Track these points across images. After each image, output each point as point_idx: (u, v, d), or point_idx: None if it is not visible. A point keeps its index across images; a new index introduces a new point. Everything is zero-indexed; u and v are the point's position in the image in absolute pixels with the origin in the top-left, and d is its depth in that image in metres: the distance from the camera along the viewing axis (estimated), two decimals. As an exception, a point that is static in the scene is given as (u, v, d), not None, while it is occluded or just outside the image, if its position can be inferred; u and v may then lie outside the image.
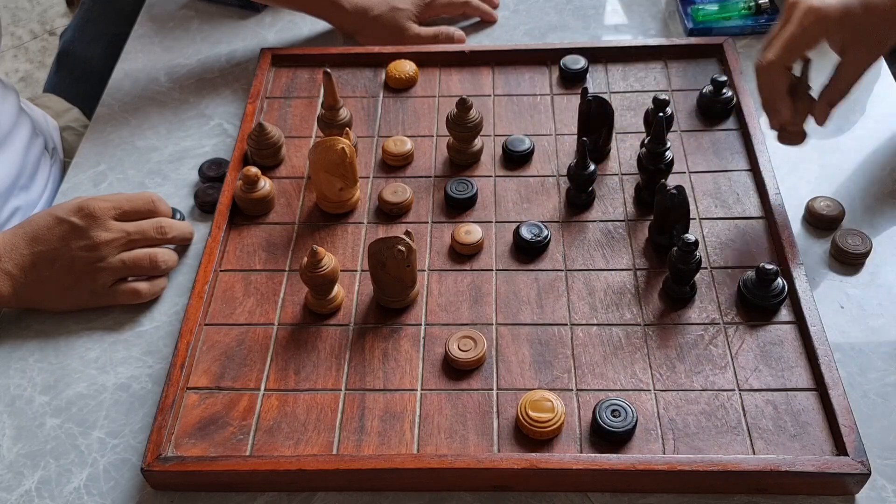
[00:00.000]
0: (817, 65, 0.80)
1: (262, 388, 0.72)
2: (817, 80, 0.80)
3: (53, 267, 0.76)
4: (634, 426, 0.67)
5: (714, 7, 1.05)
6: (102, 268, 0.77)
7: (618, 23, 1.09)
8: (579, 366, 0.72)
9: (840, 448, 0.66)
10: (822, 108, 0.79)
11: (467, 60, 1.00)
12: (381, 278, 0.75)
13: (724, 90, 0.91)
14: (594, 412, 0.67)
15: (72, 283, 0.77)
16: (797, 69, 0.80)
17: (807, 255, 0.81)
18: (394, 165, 0.90)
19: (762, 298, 0.74)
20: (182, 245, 0.84)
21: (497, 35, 1.08)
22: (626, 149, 0.90)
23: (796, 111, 0.80)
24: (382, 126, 0.94)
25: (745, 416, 0.68)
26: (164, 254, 0.80)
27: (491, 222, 0.84)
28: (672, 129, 0.91)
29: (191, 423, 0.70)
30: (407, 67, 0.98)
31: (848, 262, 0.80)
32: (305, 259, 0.73)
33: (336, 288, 0.77)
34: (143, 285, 0.79)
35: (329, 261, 0.74)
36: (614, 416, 0.67)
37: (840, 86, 0.78)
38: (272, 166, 0.90)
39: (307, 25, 1.10)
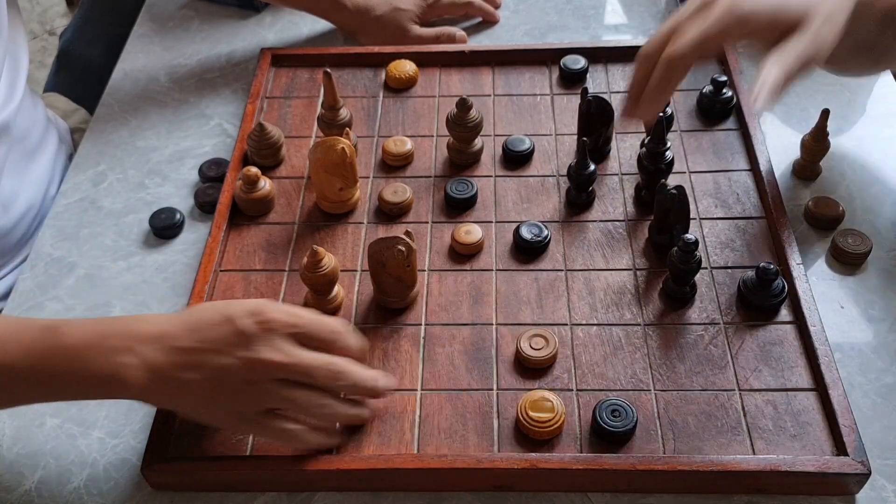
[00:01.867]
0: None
1: (262, 388, 0.72)
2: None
3: (202, 372, 0.62)
4: (634, 426, 0.67)
5: (714, 7, 1.05)
6: (253, 392, 0.63)
7: (618, 23, 1.09)
8: (579, 366, 0.72)
9: (840, 448, 0.66)
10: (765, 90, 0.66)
11: (467, 60, 1.00)
12: (381, 278, 0.75)
13: (724, 90, 0.91)
14: (594, 412, 0.67)
15: (214, 397, 0.63)
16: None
17: (807, 255, 0.81)
18: (394, 165, 0.90)
19: (762, 298, 0.74)
20: (360, 394, 0.68)
21: (497, 35, 1.08)
22: (626, 149, 0.90)
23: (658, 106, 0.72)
24: (382, 126, 0.94)
25: (745, 416, 0.68)
26: (336, 407, 0.65)
27: (491, 222, 0.84)
28: (672, 129, 0.91)
29: (191, 423, 0.70)
30: (407, 67, 0.98)
31: (848, 262, 0.80)
32: (305, 259, 0.73)
33: (336, 288, 0.77)
34: (300, 430, 0.65)
35: (329, 261, 0.74)
36: (614, 417, 0.67)
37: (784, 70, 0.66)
38: (272, 166, 0.90)
39: (307, 25, 1.10)
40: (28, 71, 0.94)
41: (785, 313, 0.75)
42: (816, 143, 0.85)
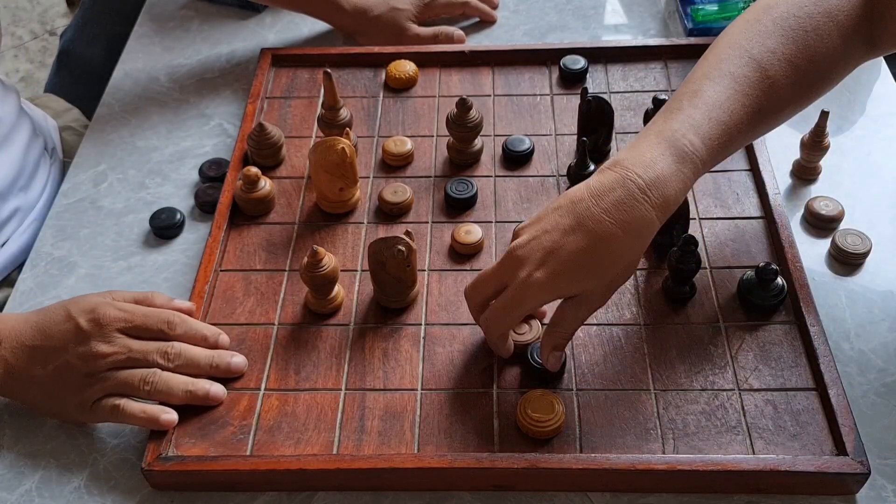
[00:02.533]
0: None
1: (263, 387, 0.72)
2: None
3: (46, 367, 0.69)
4: (563, 365, 0.71)
5: (714, 7, 1.05)
6: (91, 383, 0.69)
7: (618, 23, 1.09)
8: (579, 366, 0.72)
9: (840, 448, 0.66)
10: (552, 356, 0.69)
11: (467, 60, 1.00)
12: (381, 278, 0.75)
13: (724, 90, 0.91)
14: (528, 354, 0.71)
15: (58, 390, 0.70)
16: None
17: (807, 255, 0.81)
18: (394, 165, 0.90)
19: (762, 298, 0.74)
20: (214, 374, 0.72)
21: (497, 35, 1.08)
22: (626, 149, 0.90)
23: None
24: (382, 126, 0.94)
25: (744, 415, 0.68)
26: (162, 380, 0.70)
27: (491, 222, 0.84)
28: (672, 129, 0.91)
29: (191, 422, 0.70)
30: (407, 67, 0.98)
31: (848, 262, 0.80)
32: (305, 259, 0.73)
33: (336, 288, 0.77)
34: (126, 403, 0.69)
35: (329, 261, 0.74)
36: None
37: (566, 333, 0.68)
38: (272, 166, 0.90)
39: (307, 25, 1.10)
40: None
41: (785, 313, 0.75)
42: (816, 143, 0.85)
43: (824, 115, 0.84)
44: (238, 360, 0.73)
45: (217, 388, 0.71)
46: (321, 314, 0.77)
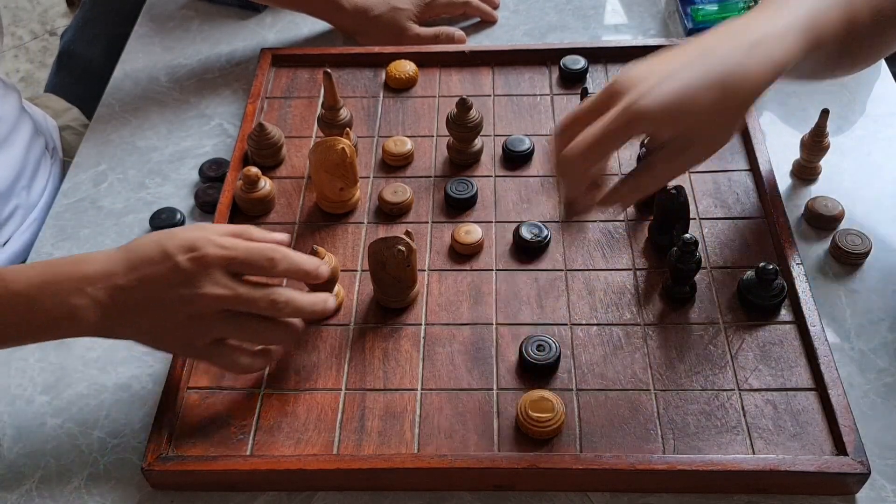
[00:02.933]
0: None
1: (263, 387, 0.72)
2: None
3: (147, 309, 0.66)
4: (558, 359, 0.71)
5: (714, 7, 1.05)
6: (200, 325, 0.66)
7: (618, 23, 1.09)
8: (579, 366, 0.72)
9: (840, 448, 0.66)
10: (626, 197, 0.66)
11: (467, 60, 1.00)
12: (381, 278, 0.75)
13: (724, 90, 0.91)
14: (520, 348, 0.72)
15: (166, 329, 0.66)
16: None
17: (807, 255, 0.81)
18: (394, 165, 0.90)
19: (762, 298, 0.74)
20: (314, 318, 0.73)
21: (497, 35, 1.08)
22: (626, 149, 0.90)
23: (594, 198, 0.66)
24: (382, 126, 0.94)
25: (744, 415, 0.68)
26: (277, 331, 0.69)
27: (491, 222, 0.84)
28: (672, 129, 0.91)
29: (191, 422, 0.70)
30: (407, 67, 0.98)
31: (848, 262, 0.80)
32: None
33: (336, 288, 0.77)
34: (244, 360, 0.68)
35: (329, 261, 0.74)
36: (539, 351, 0.71)
37: (653, 181, 0.65)
38: (272, 166, 0.90)
39: (307, 25, 1.10)
40: None
41: (785, 313, 0.75)
42: (816, 143, 0.85)
43: (824, 114, 0.83)
44: (332, 302, 0.72)
45: (301, 324, 0.71)
46: None
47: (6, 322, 0.65)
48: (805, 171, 0.87)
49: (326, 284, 0.74)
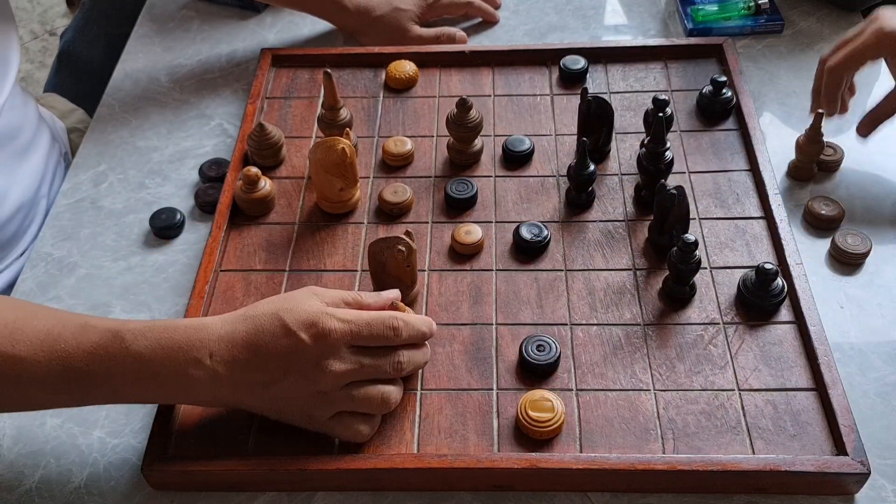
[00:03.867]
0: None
1: (263, 387, 0.72)
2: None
3: (269, 386, 0.64)
4: (558, 359, 0.71)
5: (714, 7, 1.05)
6: (326, 400, 0.65)
7: (618, 23, 1.09)
8: (579, 366, 0.72)
9: (840, 448, 0.66)
10: (869, 122, 0.87)
11: (467, 61, 1.00)
12: (381, 278, 0.75)
13: (724, 90, 0.91)
14: (520, 348, 0.72)
15: (288, 404, 0.65)
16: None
17: (807, 255, 0.81)
18: (394, 165, 0.90)
19: (762, 298, 0.74)
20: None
21: (497, 35, 1.08)
22: (625, 149, 0.90)
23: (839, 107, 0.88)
24: (382, 126, 0.94)
25: (744, 415, 0.68)
26: (397, 392, 0.68)
27: (491, 222, 0.84)
28: (672, 129, 0.91)
29: (191, 422, 0.70)
30: (407, 68, 0.98)
31: (847, 262, 0.80)
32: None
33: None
34: (365, 428, 0.67)
35: (402, 309, 0.70)
36: (539, 351, 0.71)
37: (891, 107, 0.85)
38: (272, 166, 0.90)
39: (307, 26, 1.10)
40: (19, 70, 0.94)
41: (785, 313, 0.75)
42: (811, 144, 0.85)
43: (818, 115, 0.84)
44: (433, 327, 0.70)
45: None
46: None
47: (125, 381, 0.63)
48: (799, 172, 0.87)
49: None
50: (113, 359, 0.62)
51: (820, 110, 0.84)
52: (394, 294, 0.71)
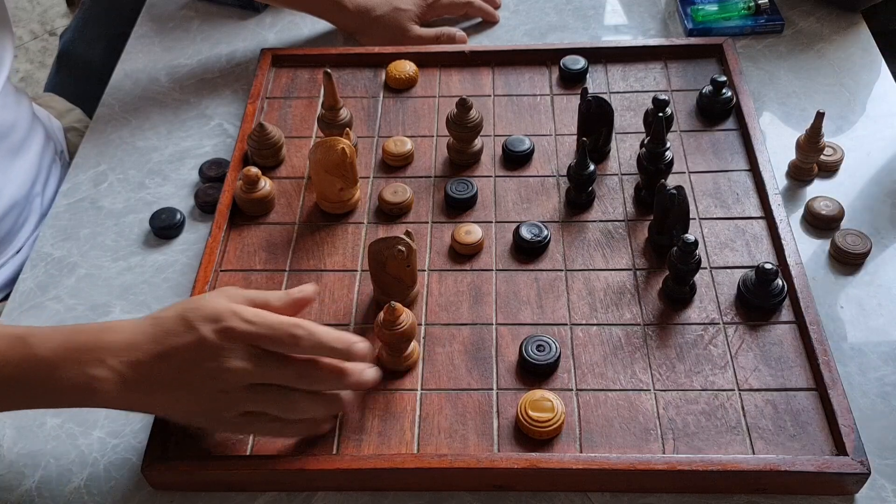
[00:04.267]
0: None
1: (263, 387, 0.72)
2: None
3: (171, 384, 0.63)
4: (558, 359, 0.71)
5: (714, 7, 1.05)
6: (229, 399, 0.64)
7: (618, 23, 1.09)
8: (579, 366, 0.72)
9: (840, 448, 0.66)
10: None
11: (467, 61, 1.00)
12: (381, 278, 0.75)
13: (724, 90, 0.91)
14: (520, 348, 0.72)
15: (193, 403, 0.64)
16: None
17: (807, 255, 0.81)
18: (394, 165, 0.90)
19: (762, 298, 0.74)
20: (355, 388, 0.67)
21: (497, 35, 1.08)
22: (625, 149, 0.90)
23: None
24: (382, 126, 0.94)
25: (744, 415, 0.68)
26: (308, 403, 0.66)
27: (491, 222, 0.84)
28: (672, 129, 0.91)
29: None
30: (407, 68, 0.98)
31: (848, 262, 0.80)
32: (382, 315, 0.70)
33: (412, 345, 0.73)
34: (277, 426, 0.66)
35: (406, 318, 0.70)
36: (539, 351, 0.71)
37: None
38: (272, 166, 0.90)
39: (307, 26, 1.10)
40: (14, 69, 0.94)
41: (785, 313, 0.75)
42: (811, 144, 0.85)
43: (819, 116, 0.83)
44: (370, 373, 0.67)
45: (348, 396, 0.67)
46: (396, 371, 0.73)
47: (27, 385, 0.62)
48: (800, 172, 0.87)
49: (401, 342, 0.70)
50: (18, 364, 0.62)
51: (820, 110, 0.84)
52: (306, 292, 0.69)
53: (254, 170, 0.84)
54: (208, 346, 0.62)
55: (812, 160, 0.86)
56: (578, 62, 0.97)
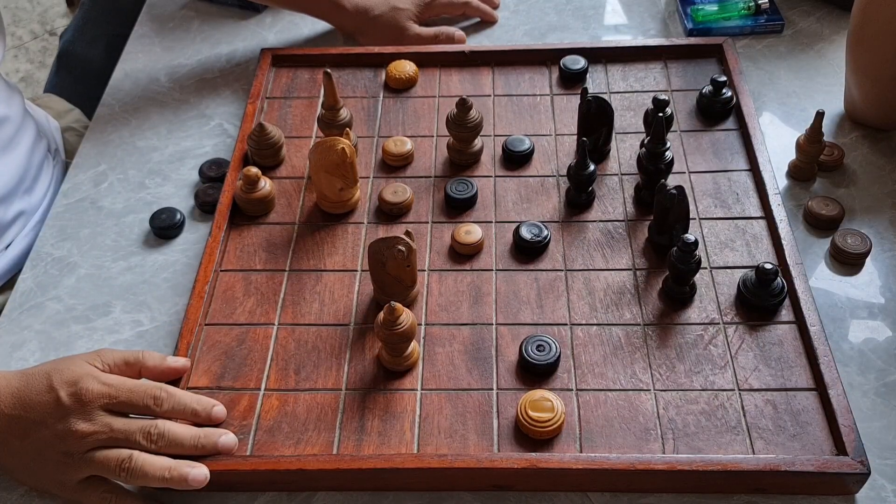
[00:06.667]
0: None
1: (263, 387, 0.72)
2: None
3: (24, 441, 0.65)
4: (558, 359, 0.71)
5: (714, 7, 1.05)
6: (69, 462, 0.65)
7: (618, 23, 1.09)
8: (579, 366, 0.72)
9: (840, 448, 0.66)
10: None
11: (467, 61, 1.00)
12: (381, 278, 0.75)
13: (724, 90, 0.91)
14: (520, 348, 0.72)
15: (35, 465, 0.66)
16: None
17: (807, 255, 0.81)
18: (394, 165, 0.90)
19: (762, 298, 0.74)
20: (190, 453, 0.66)
21: (497, 35, 1.08)
22: (626, 149, 0.90)
23: None
24: (382, 126, 0.94)
25: (744, 415, 0.69)
26: (138, 464, 0.64)
27: (491, 222, 0.84)
28: (672, 129, 0.91)
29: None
30: (407, 68, 0.98)
31: (847, 262, 0.80)
32: (382, 315, 0.69)
33: (411, 345, 0.72)
34: (110, 497, 0.66)
35: (406, 318, 0.69)
36: (539, 351, 0.71)
37: None
38: (272, 166, 0.90)
39: (307, 26, 1.10)
40: (0, 65, 0.94)
41: (785, 313, 0.75)
42: (811, 144, 0.85)
43: (819, 115, 0.83)
44: (227, 438, 0.67)
45: (198, 472, 0.65)
46: (396, 371, 0.73)
47: None
48: (800, 172, 0.87)
49: (401, 342, 0.70)
50: None
51: (820, 110, 0.84)
52: (180, 363, 0.72)
53: (254, 170, 0.84)
54: (62, 408, 0.65)
55: (812, 160, 0.86)
56: (578, 62, 0.97)
